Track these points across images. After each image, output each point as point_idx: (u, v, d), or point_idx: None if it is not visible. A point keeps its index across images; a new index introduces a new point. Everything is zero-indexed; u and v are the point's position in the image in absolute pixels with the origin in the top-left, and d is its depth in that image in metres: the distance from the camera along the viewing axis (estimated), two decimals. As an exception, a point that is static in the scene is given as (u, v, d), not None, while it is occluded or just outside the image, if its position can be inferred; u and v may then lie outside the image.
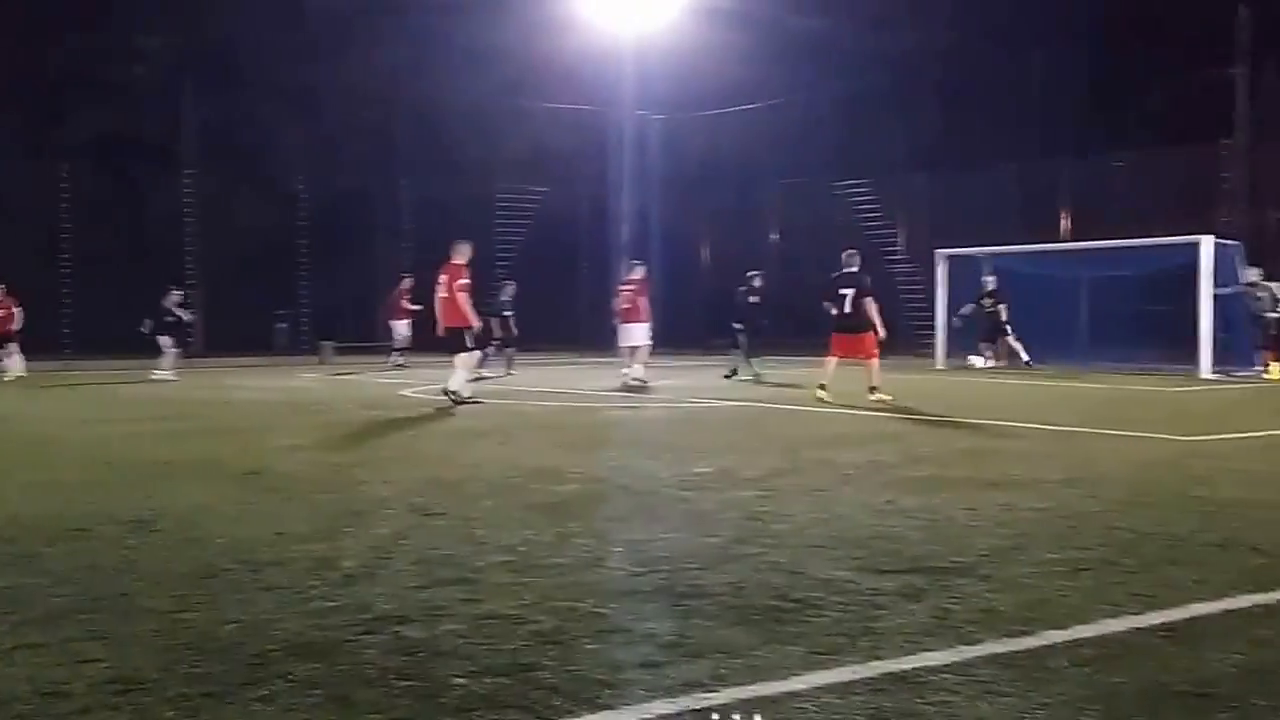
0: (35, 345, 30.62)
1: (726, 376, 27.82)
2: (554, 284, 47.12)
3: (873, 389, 19.64)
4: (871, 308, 20.26)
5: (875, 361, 20.06)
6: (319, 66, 44.88)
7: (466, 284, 19.99)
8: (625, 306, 26.62)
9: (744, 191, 48.89)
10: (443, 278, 20.14)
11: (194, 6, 43.41)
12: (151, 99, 45.01)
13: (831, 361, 20.60)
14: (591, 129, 48.30)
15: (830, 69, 45.84)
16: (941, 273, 34.73)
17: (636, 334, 26.37)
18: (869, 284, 20.63)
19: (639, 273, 27.22)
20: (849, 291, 20.34)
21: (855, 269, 20.71)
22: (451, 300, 19.96)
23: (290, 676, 5.14)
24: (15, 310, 29.72)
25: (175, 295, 30.42)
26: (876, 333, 20.15)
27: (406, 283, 33.99)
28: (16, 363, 29.43)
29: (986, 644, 5.60)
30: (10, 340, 29.59)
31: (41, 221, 39.19)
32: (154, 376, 28.27)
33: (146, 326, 29.50)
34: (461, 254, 20.28)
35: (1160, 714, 4.70)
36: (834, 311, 20.64)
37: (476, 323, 20.34)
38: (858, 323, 20.25)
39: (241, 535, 8.25)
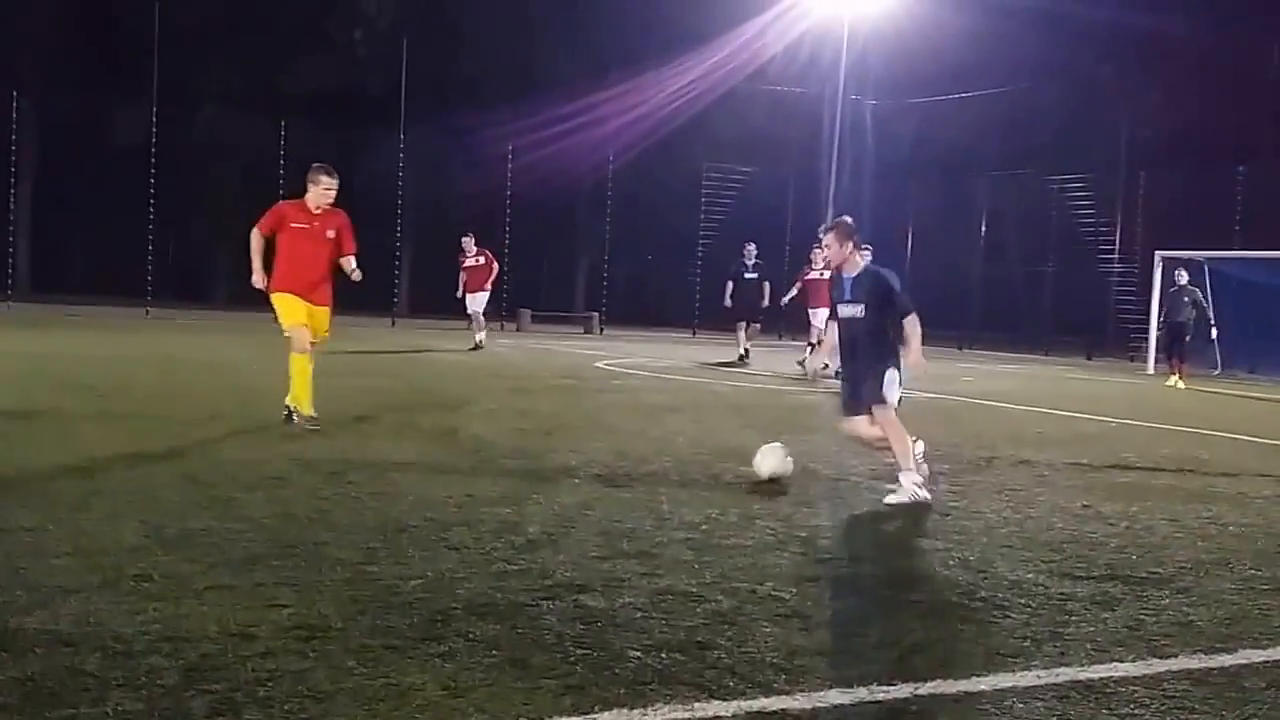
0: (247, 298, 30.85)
1: None
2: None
3: None
4: None
5: None
6: (535, 41, 45.39)
7: None
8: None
9: (954, 181, 48.09)
10: None
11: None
12: (372, 58, 45.93)
13: None
14: (803, 112, 48.06)
15: (1054, 58, 44.94)
16: (1159, 276, 33.78)
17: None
18: None
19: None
20: None
21: None
22: None
23: (470, 635, 5.17)
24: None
25: None
26: None
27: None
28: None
29: (1180, 658, 5.41)
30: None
31: (259, 173, 39.96)
32: None
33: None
34: None
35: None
36: None
37: None
38: None
39: (431, 494, 8.35)
